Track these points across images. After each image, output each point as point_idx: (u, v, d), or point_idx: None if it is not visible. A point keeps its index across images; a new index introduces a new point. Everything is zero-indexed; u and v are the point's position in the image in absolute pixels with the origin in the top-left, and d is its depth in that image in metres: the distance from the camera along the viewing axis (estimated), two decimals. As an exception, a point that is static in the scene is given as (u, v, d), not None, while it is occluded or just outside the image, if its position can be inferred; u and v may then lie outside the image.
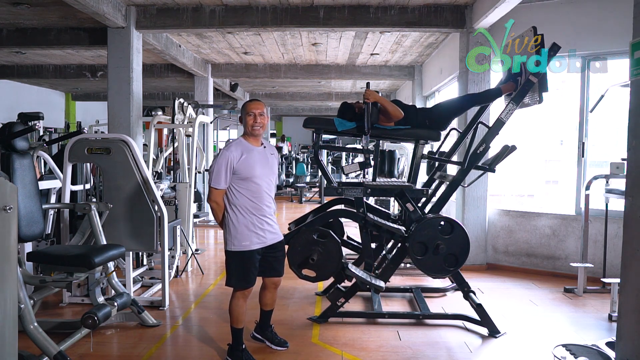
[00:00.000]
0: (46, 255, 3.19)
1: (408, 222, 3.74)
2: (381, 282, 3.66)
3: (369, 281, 3.58)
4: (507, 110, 3.63)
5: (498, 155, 3.77)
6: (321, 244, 3.55)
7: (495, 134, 3.68)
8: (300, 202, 12.38)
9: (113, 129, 5.79)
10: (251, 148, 2.97)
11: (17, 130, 3.28)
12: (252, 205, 2.95)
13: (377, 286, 3.60)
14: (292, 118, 19.97)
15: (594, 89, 5.04)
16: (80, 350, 3.23)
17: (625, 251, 2.58)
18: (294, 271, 3.61)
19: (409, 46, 7.64)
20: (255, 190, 2.95)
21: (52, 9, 5.82)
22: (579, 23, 4.95)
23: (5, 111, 10.81)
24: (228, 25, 5.74)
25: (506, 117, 3.64)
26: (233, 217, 2.94)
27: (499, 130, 3.68)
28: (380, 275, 3.76)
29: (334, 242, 3.57)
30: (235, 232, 2.94)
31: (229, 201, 2.95)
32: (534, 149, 6.66)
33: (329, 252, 3.55)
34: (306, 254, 3.55)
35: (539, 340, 3.53)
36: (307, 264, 3.58)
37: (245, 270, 2.96)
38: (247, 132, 3.00)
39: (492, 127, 3.70)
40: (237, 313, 3.02)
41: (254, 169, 2.93)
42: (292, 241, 3.58)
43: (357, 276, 3.59)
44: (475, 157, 3.74)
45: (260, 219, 2.98)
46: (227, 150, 2.90)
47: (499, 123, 3.67)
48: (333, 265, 3.58)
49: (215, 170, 2.88)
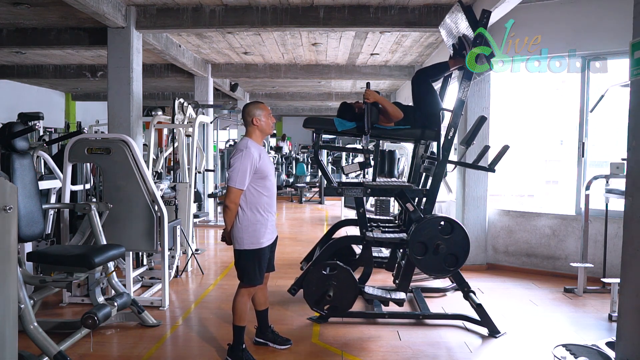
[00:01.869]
0: (46, 255, 3.19)
1: (408, 223, 3.73)
2: (401, 294, 3.65)
3: (388, 298, 3.59)
4: (463, 88, 3.65)
5: (498, 155, 3.77)
6: (333, 277, 3.55)
7: (459, 114, 3.67)
8: (300, 202, 12.38)
9: (113, 129, 5.79)
10: (261, 148, 3.07)
11: (17, 130, 3.28)
12: (268, 202, 3.04)
13: (398, 300, 3.59)
14: (292, 118, 19.96)
15: (594, 89, 5.04)
16: (80, 350, 3.23)
17: (625, 251, 2.58)
18: (317, 311, 3.64)
19: (409, 46, 7.64)
20: (270, 188, 3.04)
21: (52, 9, 5.82)
22: (579, 23, 4.94)
23: (5, 111, 10.81)
24: (228, 25, 5.74)
25: (464, 96, 3.65)
26: (251, 216, 2.97)
27: (461, 110, 3.67)
28: (398, 287, 3.76)
29: (344, 272, 3.56)
30: (253, 230, 2.97)
31: (246, 201, 2.96)
32: (534, 149, 6.67)
33: (342, 283, 3.55)
34: (322, 291, 3.55)
35: (539, 340, 3.53)
36: (325, 300, 3.57)
37: (261, 267, 3.04)
38: (266, 131, 3.08)
39: (455, 109, 3.67)
40: (242, 310, 3.06)
41: (269, 168, 3.04)
42: (304, 283, 3.60)
43: (376, 297, 3.61)
44: (447, 144, 3.69)
45: (273, 216, 3.09)
46: (250, 151, 2.93)
47: (460, 103, 3.66)
48: (350, 294, 3.59)
49: (241, 170, 2.88)
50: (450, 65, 3.85)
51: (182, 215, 5.27)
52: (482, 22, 3.50)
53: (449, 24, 4.00)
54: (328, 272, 3.55)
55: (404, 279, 3.75)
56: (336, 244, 3.92)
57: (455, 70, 3.92)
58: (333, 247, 3.84)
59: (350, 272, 3.57)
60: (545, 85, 6.22)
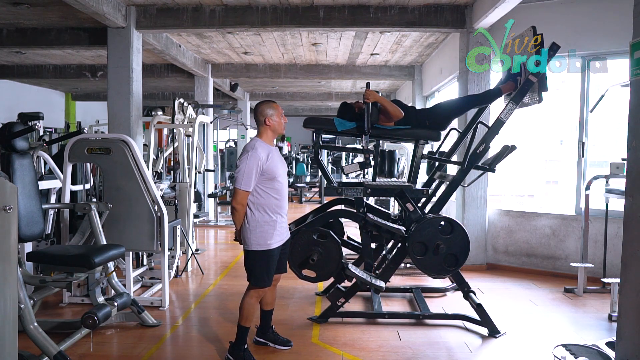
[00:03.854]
0: (46, 255, 3.19)
1: (408, 222, 3.74)
2: (381, 282, 3.66)
3: (369, 281, 3.58)
4: (507, 110, 3.64)
5: (498, 155, 3.77)
6: (321, 245, 3.56)
7: (495, 134, 3.69)
8: (300, 202, 12.38)
9: (113, 129, 5.79)
10: (271, 148, 3.01)
11: (17, 130, 3.28)
12: (277, 203, 2.99)
13: (377, 286, 3.60)
14: (292, 118, 19.78)
15: (594, 89, 5.04)
16: (80, 350, 3.23)
17: (625, 251, 2.58)
18: (294, 271, 3.61)
19: (409, 46, 7.64)
20: (279, 189, 3.00)
21: (52, 9, 5.83)
22: (579, 23, 4.95)
23: (5, 111, 10.81)
24: (228, 25, 5.75)
25: (506, 117, 3.65)
26: (259, 217, 2.94)
27: (498, 130, 3.69)
28: (380, 276, 3.76)
29: (334, 243, 3.57)
30: (261, 231, 2.94)
31: (254, 202, 2.94)
32: (534, 149, 6.67)
33: (329, 252, 3.56)
34: (306, 254, 3.56)
35: (539, 340, 3.53)
36: (307, 264, 3.59)
37: (269, 269, 3.01)
38: (278, 131, 3.06)
39: (492, 127, 3.70)
40: (249, 312, 3.04)
41: (278, 169, 2.99)
42: (292, 241, 3.58)
43: (357, 276, 3.59)
44: (475, 157, 3.75)
45: (283, 217, 3.05)
46: (256, 152, 2.89)
47: (499, 123, 3.67)
48: (333, 266, 3.59)
49: (247, 172, 2.86)
50: (503, 90, 3.85)
51: (182, 215, 5.27)
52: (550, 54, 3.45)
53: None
54: (317, 238, 3.56)
55: (388, 270, 3.79)
56: (334, 214, 3.91)
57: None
58: (330, 216, 3.86)
59: (339, 245, 3.59)
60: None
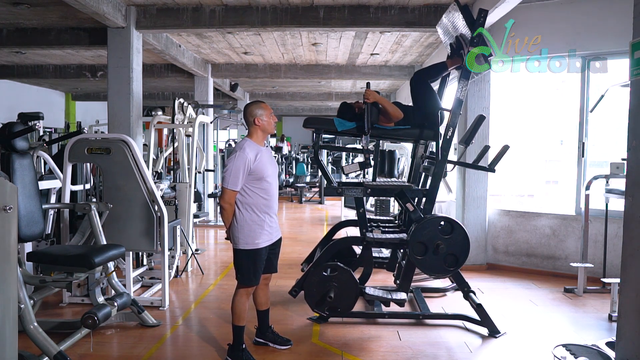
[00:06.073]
0: (46, 255, 3.19)
1: (409, 223, 3.73)
2: (402, 294, 3.63)
3: (389, 298, 3.58)
4: (461, 88, 3.64)
5: (498, 155, 3.77)
6: (334, 279, 3.54)
7: (457, 114, 3.66)
8: (300, 202, 12.38)
9: (113, 129, 5.79)
10: (261, 148, 3.04)
11: (17, 130, 3.28)
12: (265, 203, 3.02)
13: (399, 300, 3.58)
14: (292, 118, 19.95)
15: (594, 89, 5.04)
16: (80, 350, 3.23)
17: (625, 251, 2.58)
18: (318, 312, 3.63)
19: (409, 46, 7.64)
20: (267, 189, 3.02)
21: (52, 9, 5.82)
22: (579, 23, 4.94)
23: (5, 111, 10.81)
24: (228, 25, 5.74)
25: (462, 95, 3.65)
26: (247, 216, 2.98)
27: (459, 109, 3.67)
28: (399, 287, 3.75)
29: (345, 273, 3.55)
30: (249, 230, 2.98)
31: (242, 201, 2.98)
32: (534, 149, 6.67)
33: (342, 284, 3.54)
34: (323, 292, 3.54)
35: (539, 340, 3.53)
36: (326, 302, 3.55)
37: (256, 268, 3.04)
38: (267, 131, 3.08)
39: (453, 108, 3.66)
40: (240, 310, 3.07)
41: (267, 169, 3.01)
42: (305, 284, 3.60)
43: (377, 297, 3.61)
44: (446, 144, 3.68)
45: (271, 217, 3.08)
46: (244, 152, 2.92)
47: (458, 102, 3.65)
48: (351, 295, 3.58)
49: (234, 172, 2.90)
50: (448, 65, 3.86)
51: (182, 215, 5.27)
52: (480, 22, 3.50)
53: (446, 24, 4.00)
54: (329, 274, 3.55)
55: (405, 279, 3.74)
56: (336, 245, 3.91)
57: (453, 69, 3.92)
58: (333, 248, 3.84)
59: (351, 273, 3.56)
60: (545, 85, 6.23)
